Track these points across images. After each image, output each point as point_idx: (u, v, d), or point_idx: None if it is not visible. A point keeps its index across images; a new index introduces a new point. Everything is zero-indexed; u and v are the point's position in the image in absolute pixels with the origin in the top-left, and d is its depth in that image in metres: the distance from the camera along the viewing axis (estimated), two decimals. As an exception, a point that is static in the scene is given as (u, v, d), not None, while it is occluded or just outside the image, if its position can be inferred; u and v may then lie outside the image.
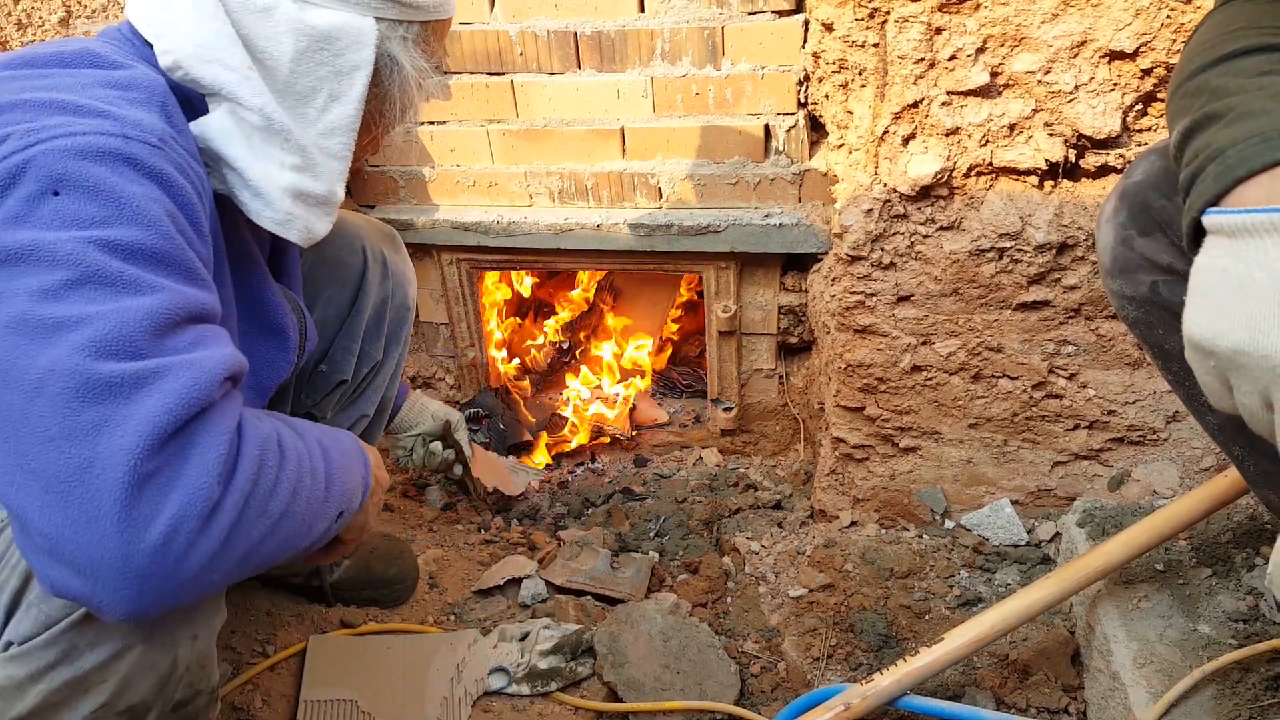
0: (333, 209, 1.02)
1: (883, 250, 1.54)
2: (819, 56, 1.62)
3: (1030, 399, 1.59)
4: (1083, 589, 1.24)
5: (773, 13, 1.72)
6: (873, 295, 1.58)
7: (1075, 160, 1.41)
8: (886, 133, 1.47)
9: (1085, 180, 1.44)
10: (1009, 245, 1.47)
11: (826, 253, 1.82)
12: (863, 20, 1.44)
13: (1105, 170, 1.41)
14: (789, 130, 1.81)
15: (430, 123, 1.99)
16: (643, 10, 1.79)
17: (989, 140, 1.42)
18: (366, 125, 1.03)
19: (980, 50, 1.36)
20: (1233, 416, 0.65)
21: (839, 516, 1.82)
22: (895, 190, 1.48)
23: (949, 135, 1.43)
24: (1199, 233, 0.66)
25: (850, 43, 1.48)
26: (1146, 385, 1.54)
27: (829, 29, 1.53)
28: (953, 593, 1.57)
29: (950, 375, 1.62)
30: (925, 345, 1.60)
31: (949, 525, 1.73)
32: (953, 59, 1.38)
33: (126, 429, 0.69)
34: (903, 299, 1.57)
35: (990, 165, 1.44)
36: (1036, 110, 1.38)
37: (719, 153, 1.87)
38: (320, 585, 1.53)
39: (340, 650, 1.44)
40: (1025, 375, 1.58)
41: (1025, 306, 1.53)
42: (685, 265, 1.98)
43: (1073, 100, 1.35)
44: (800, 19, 1.70)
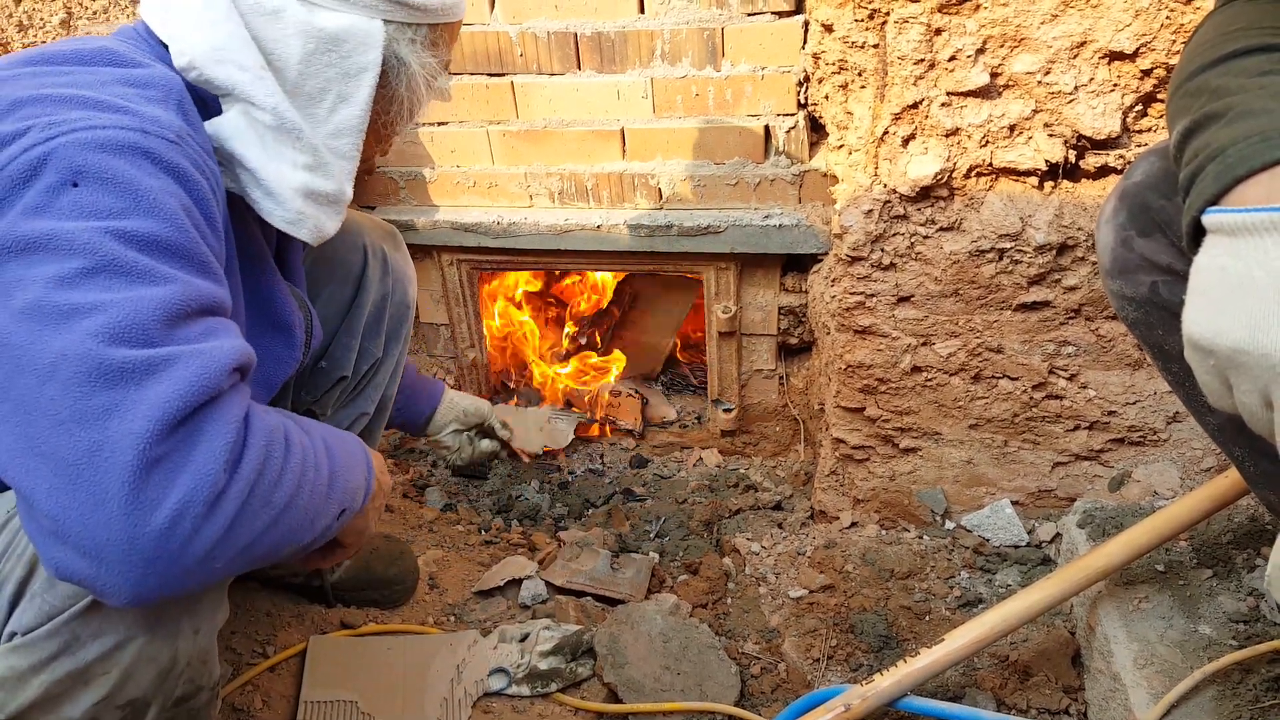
0: (342, 208, 1.03)
1: (883, 251, 1.54)
2: (819, 57, 1.62)
3: (1030, 400, 1.59)
4: (1083, 590, 1.24)
5: (772, 14, 1.72)
6: (873, 296, 1.58)
7: (1075, 161, 1.41)
8: (886, 133, 1.47)
9: (1085, 181, 1.44)
10: (1009, 246, 1.47)
11: (826, 253, 1.82)
12: (862, 21, 1.44)
13: (1105, 171, 1.41)
14: (789, 131, 1.81)
15: (431, 124, 1.99)
16: (643, 11, 1.79)
17: (989, 141, 1.42)
18: (375, 126, 1.03)
19: (980, 51, 1.36)
20: (1233, 417, 0.65)
21: (839, 517, 1.82)
22: (895, 191, 1.48)
23: (949, 136, 1.43)
24: (1199, 232, 0.66)
25: (850, 43, 1.49)
26: (1147, 386, 1.54)
27: (829, 30, 1.53)
28: (953, 594, 1.56)
29: (950, 376, 1.62)
30: (925, 346, 1.60)
31: (949, 526, 1.73)
32: (952, 60, 1.38)
33: (136, 414, 0.70)
34: (903, 300, 1.57)
35: (990, 166, 1.44)
36: (1036, 111, 1.38)
37: (719, 153, 1.87)
38: (320, 586, 1.53)
39: (340, 651, 1.44)
40: (1025, 376, 1.58)
41: (1025, 307, 1.53)
42: (685, 266, 1.98)
43: (1072, 101, 1.35)
44: (800, 20, 1.70)
